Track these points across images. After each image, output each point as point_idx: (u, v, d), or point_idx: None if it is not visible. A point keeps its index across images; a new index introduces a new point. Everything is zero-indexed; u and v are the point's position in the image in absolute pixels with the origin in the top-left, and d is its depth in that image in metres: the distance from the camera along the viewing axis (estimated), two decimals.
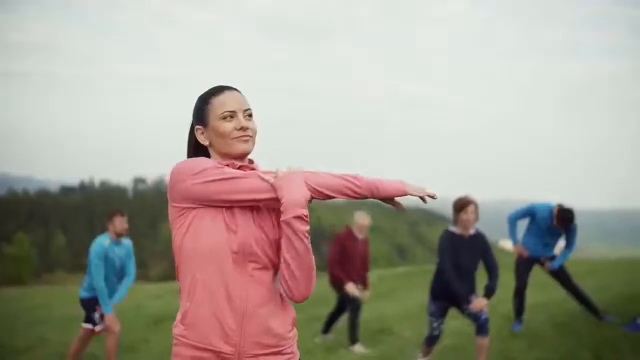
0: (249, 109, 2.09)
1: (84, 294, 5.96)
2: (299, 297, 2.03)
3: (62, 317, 10.62)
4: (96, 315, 5.89)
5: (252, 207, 2.03)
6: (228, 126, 2.05)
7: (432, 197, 2.10)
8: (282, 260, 2.01)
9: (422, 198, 2.10)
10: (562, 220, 6.43)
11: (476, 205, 5.28)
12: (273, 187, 1.98)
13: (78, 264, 53.40)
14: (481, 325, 5.18)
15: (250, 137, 2.08)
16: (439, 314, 5.44)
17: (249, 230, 2.00)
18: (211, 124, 2.07)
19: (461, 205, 5.25)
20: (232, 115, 2.06)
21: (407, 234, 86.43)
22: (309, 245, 1.99)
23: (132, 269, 6.12)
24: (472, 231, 5.32)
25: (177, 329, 2.05)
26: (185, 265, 2.02)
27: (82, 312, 6.03)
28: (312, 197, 2.01)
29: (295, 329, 2.13)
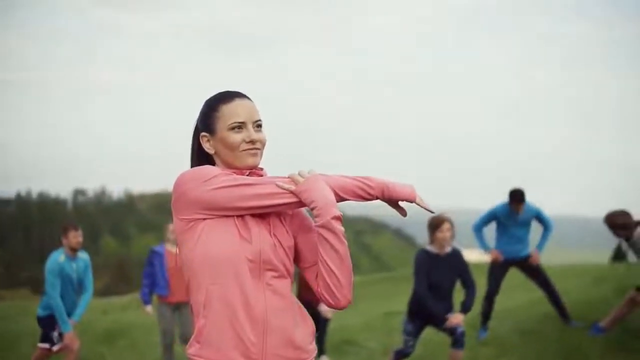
0: (259, 120, 2.00)
1: (41, 312, 5.64)
2: (345, 303, 1.93)
3: (5, 335, 10.12)
4: (55, 334, 5.59)
5: (264, 215, 1.93)
6: (237, 138, 1.95)
7: (431, 211, 2.10)
8: (321, 266, 1.90)
9: (426, 209, 2.07)
10: (515, 202, 6.51)
11: (451, 223, 5.14)
12: (292, 193, 1.89)
13: (13, 280, 51.43)
14: (457, 339, 5.11)
15: (259, 149, 1.99)
16: (415, 333, 5.33)
17: (263, 239, 1.90)
18: (219, 134, 1.97)
19: (436, 223, 5.10)
20: (242, 126, 1.96)
21: (352, 243, 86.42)
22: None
23: (90, 284, 5.85)
24: (448, 249, 5.20)
25: (193, 348, 1.91)
26: (197, 279, 1.89)
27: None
28: None
29: (315, 342, 2.03)
